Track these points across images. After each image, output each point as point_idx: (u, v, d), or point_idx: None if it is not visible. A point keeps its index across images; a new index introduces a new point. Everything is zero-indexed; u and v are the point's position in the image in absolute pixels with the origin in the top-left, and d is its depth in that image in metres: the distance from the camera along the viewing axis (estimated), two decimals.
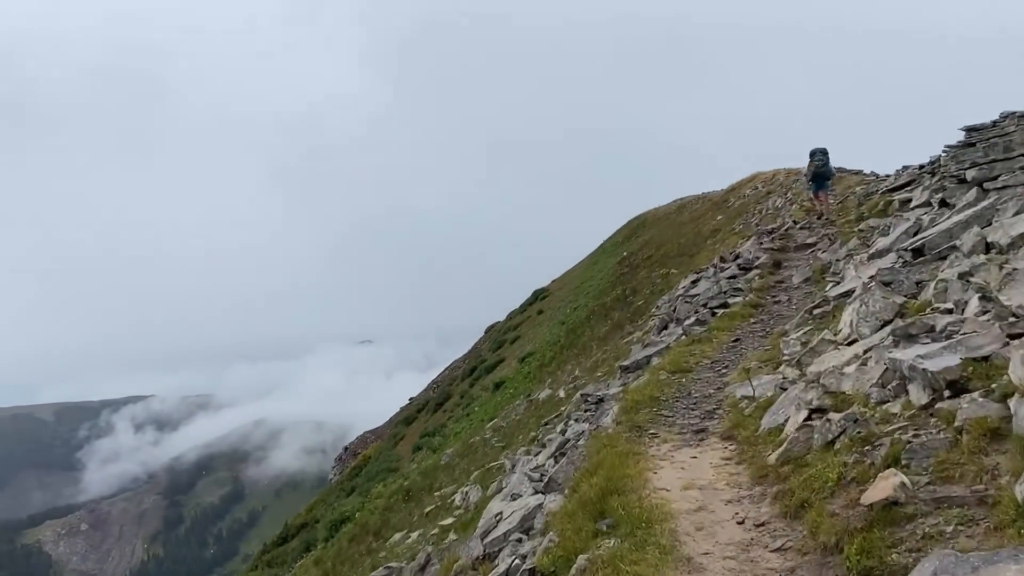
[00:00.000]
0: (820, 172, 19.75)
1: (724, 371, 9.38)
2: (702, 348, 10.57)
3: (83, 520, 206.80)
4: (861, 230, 13.99)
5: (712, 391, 8.61)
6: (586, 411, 10.42)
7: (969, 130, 13.53)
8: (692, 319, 12.31)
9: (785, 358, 8.68)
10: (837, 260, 12.93)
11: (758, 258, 15.77)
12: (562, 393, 16.10)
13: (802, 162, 36.97)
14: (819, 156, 20.37)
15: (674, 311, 14.51)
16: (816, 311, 10.10)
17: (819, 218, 20.24)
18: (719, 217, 38.84)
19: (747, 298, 12.89)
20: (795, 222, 19.84)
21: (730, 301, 12.80)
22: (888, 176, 24.15)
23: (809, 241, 16.91)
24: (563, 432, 10.30)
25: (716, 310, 12.58)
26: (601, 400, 10.22)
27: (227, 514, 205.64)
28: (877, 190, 19.56)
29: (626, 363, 11.02)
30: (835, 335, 8.32)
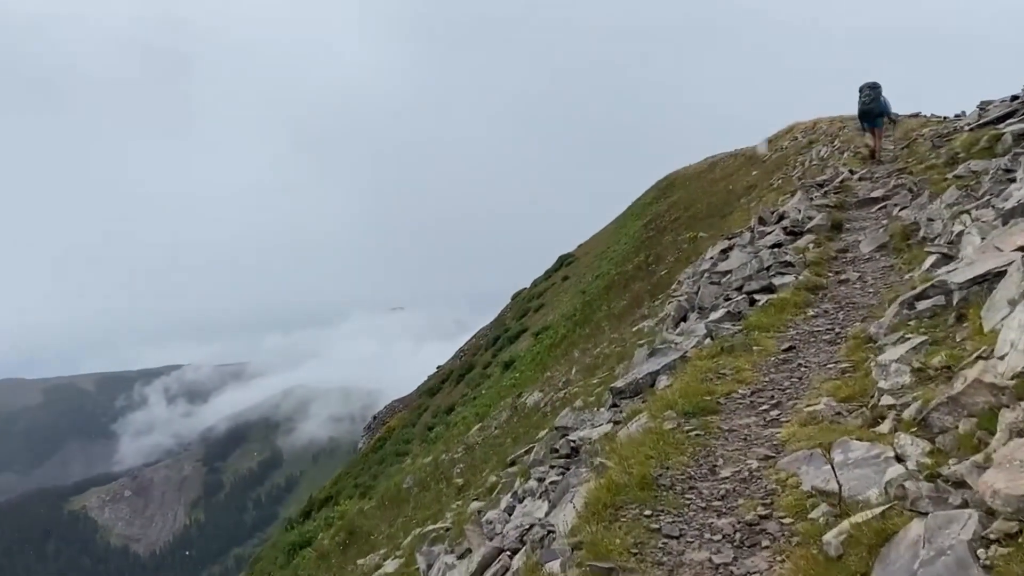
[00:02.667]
0: (867, 110, 16.84)
1: (774, 416, 5.50)
2: (735, 364, 6.67)
3: (126, 487, 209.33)
4: (959, 176, 9.90)
5: (754, 465, 4.74)
6: (555, 460, 6.64)
7: None
8: (722, 310, 8.37)
9: (887, 401, 4.79)
10: (930, 220, 8.90)
11: (810, 218, 11.71)
12: (550, 404, 12.35)
13: (848, 109, 32.47)
14: (866, 92, 16.98)
15: (697, 293, 10.55)
16: (919, 304, 6.15)
17: (872, 157, 16.84)
18: (754, 172, 34.48)
19: (800, 277, 8.91)
20: (852, 171, 15.69)
21: (776, 282, 8.83)
22: (959, 115, 19.80)
23: (875, 195, 12.78)
24: (518, 499, 6.60)
25: (756, 296, 8.63)
26: (575, 450, 6.43)
27: (266, 480, 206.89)
28: (956, 128, 15.32)
29: (620, 385, 7.20)
30: (980, 356, 4.41)
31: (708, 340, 7.63)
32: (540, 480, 6.59)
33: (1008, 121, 11.49)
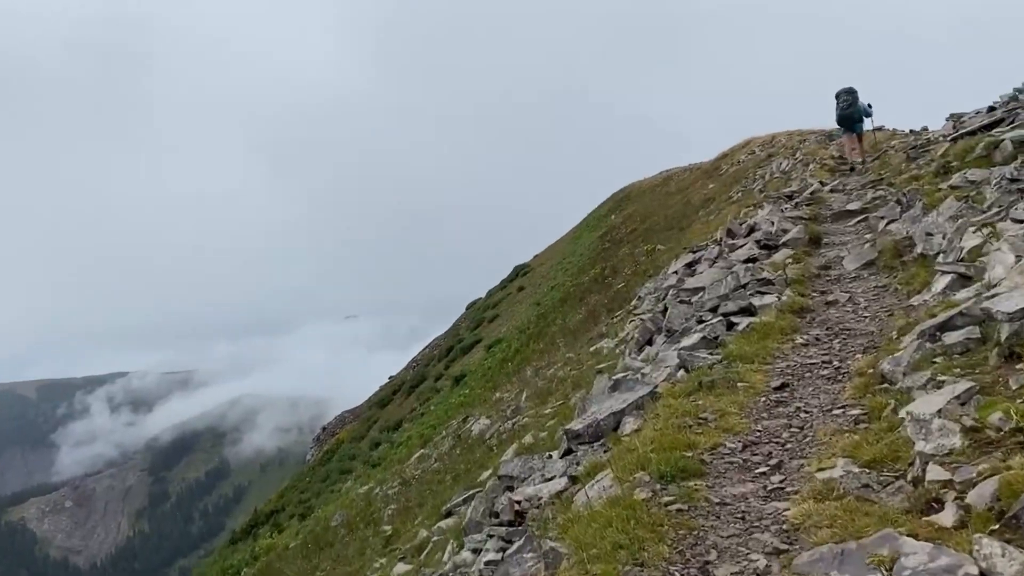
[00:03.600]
0: (846, 115, 16.24)
1: (777, 483, 4.21)
2: (718, 405, 5.38)
3: (67, 497, 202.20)
4: (956, 186, 8.81)
5: (761, 563, 3.43)
6: (495, 527, 5.26)
7: None
8: (695, 335, 7.09)
9: (937, 475, 3.52)
10: (928, 234, 7.76)
11: (785, 231, 10.56)
12: (496, 436, 10.96)
13: (805, 123, 31.92)
14: (843, 97, 16.41)
15: (664, 312, 9.29)
16: (946, 336, 4.95)
17: (851, 170, 15.98)
18: (711, 186, 33.72)
19: (783, 298, 7.69)
20: (822, 183, 14.68)
21: (755, 303, 7.59)
22: (923, 129, 19.03)
23: (852, 207, 11.71)
24: None
25: (734, 319, 7.38)
26: (521, 515, 5.07)
27: (213, 490, 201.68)
28: (932, 140, 14.42)
29: (577, 427, 5.86)
30: None
31: (682, 372, 6.34)
32: (475, 552, 5.25)
33: (998, 129, 10.49)
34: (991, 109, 13.77)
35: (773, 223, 10.98)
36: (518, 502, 5.15)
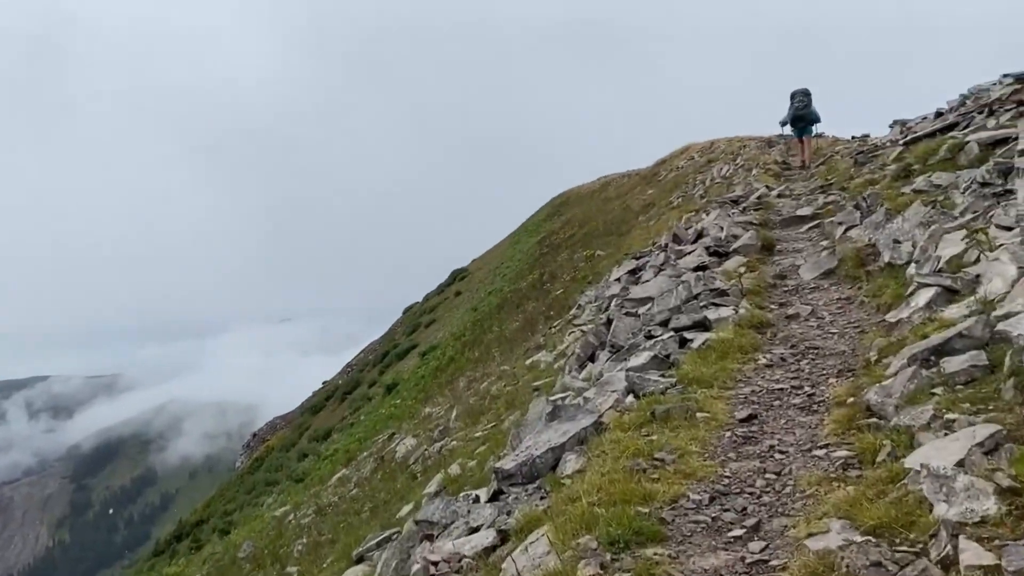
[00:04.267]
0: (801, 115, 15.94)
1: (757, 553, 3.32)
2: (675, 442, 4.49)
3: None
4: (920, 191, 8.16)
5: None
6: None
7: None
8: (645, 354, 6.21)
9: (974, 556, 2.67)
10: (896, 242, 7.06)
11: (735, 237, 9.82)
12: (422, 460, 9.90)
13: (744, 130, 31.80)
14: (799, 97, 16.10)
15: (607, 325, 8.41)
16: (945, 363, 4.16)
17: (803, 167, 15.89)
18: (650, 191, 33.33)
19: (740, 311, 6.88)
20: (768, 188, 14.07)
21: (710, 316, 6.75)
22: (864, 136, 18.71)
23: (803, 213, 11.06)
24: None
25: (688, 334, 6.52)
26: None
27: (139, 498, 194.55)
28: (879, 145, 13.96)
29: (509, 467, 4.91)
30: None
31: (631, 398, 5.44)
32: None
33: (954, 132, 9.95)
34: (939, 114, 13.37)
35: (722, 228, 10.24)
36: (434, 563, 4.16)
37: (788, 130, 17.24)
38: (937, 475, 3.08)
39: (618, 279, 11.64)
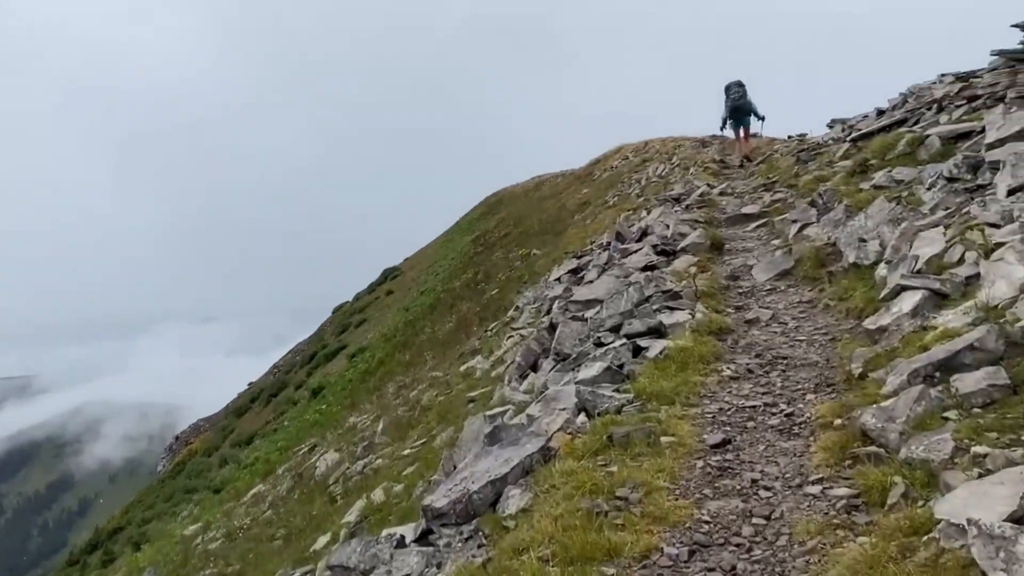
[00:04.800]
0: (739, 105, 15.50)
1: None
2: (639, 475, 3.75)
3: None
4: (881, 186, 7.65)
5: None
6: None
7: None
8: (596, 364, 5.45)
9: None
10: (862, 240, 6.49)
11: (682, 235, 9.20)
12: (342, 482, 8.95)
13: (678, 130, 31.61)
14: (735, 89, 15.67)
15: (550, 330, 7.66)
16: (956, 380, 3.53)
17: (742, 165, 15.56)
18: (585, 190, 32.82)
19: (697, 315, 6.19)
20: (710, 185, 13.57)
21: (665, 321, 6.05)
22: (801, 135, 18.46)
23: (749, 211, 10.53)
24: None
25: (642, 341, 5.80)
26: None
27: (55, 503, 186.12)
28: (822, 143, 13.63)
29: (440, 505, 4.10)
30: None
31: (583, 417, 4.68)
32: None
33: (904, 128, 9.53)
34: (880, 112, 13.08)
35: (668, 226, 9.61)
36: None
37: (729, 131, 16.86)
38: (992, 535, 2.39)
39: (559, 279, 10.92)
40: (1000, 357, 3.55)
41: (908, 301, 4.75)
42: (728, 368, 5.22)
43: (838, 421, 3.95)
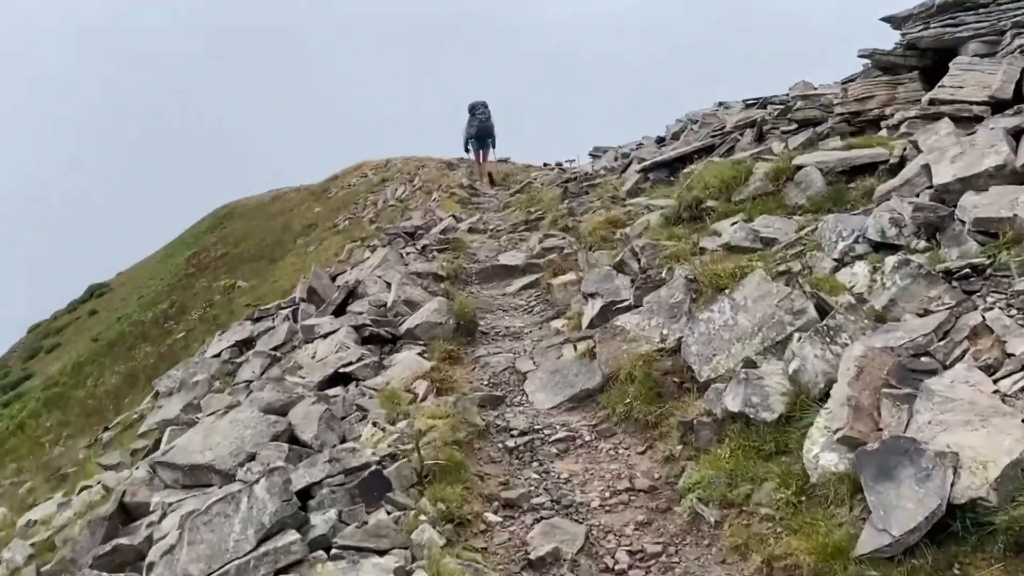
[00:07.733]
0: (485, 127, 14.18)
1: None
2: None
3: None
4: (736, 247, 4.42)
5: None
6: None
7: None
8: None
9: None
10: (749, 365, 3.17)
11: (410, 303, 5.45)
12: None
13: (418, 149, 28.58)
14: (481, 109, 14.22)
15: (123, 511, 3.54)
16: None
17: (492, 187, 14.27)
18: (317, 209, 28.49)
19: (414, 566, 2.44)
20: (456, 218, 10.04)
21: (357, 544, 2.24)
22: (559, 164, 15.81)
23: (511, 262, 7.08)
24: None
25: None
26: None
27: None
28: (593, 174, 10.71)
29: None
30: None
31: None
32: None
33: (713, 155, 6.61)
34: (661, 140, 10.44)
35: (390, 287, 5.82)
36: None
37: (471, 153, 14.97)
38: None
39: (219, 355, 6.69)
40: None
41: None
42: None
43: None
